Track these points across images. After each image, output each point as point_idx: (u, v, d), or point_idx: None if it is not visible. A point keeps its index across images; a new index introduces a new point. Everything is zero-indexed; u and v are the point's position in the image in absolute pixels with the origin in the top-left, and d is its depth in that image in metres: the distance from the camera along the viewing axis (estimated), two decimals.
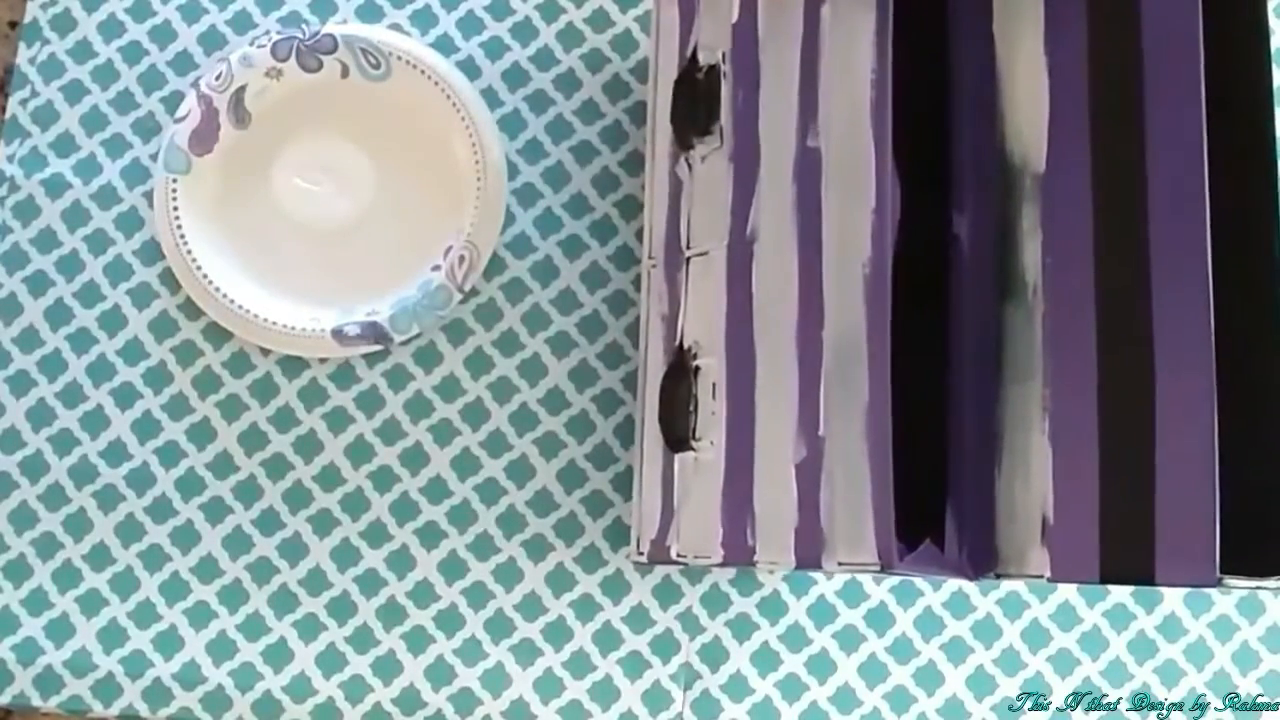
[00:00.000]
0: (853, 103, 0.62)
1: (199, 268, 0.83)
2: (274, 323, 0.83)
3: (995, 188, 0.64)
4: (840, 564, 0.60)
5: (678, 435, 0.73)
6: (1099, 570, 0.56)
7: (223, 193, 0.86)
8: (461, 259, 0.83)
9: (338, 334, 0.83)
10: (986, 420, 0.62)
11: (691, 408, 0.72)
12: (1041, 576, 0.58)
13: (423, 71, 0.86)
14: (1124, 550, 0.55)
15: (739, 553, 0.67)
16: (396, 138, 0.87)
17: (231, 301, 0.83)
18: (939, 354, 0.64)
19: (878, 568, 0.57)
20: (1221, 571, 0.51)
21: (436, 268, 0.84)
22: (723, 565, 0.69)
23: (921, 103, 0.66)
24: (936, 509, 0.62)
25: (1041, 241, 0.61)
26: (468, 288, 0.84)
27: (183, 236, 0.84)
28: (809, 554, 0.62)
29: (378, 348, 0.83)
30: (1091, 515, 0.56)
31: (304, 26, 0.86)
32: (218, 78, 0.85)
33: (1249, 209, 0.58)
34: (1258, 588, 0.52)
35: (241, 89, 0.86)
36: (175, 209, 0.84)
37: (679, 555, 0.72)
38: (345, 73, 0.86)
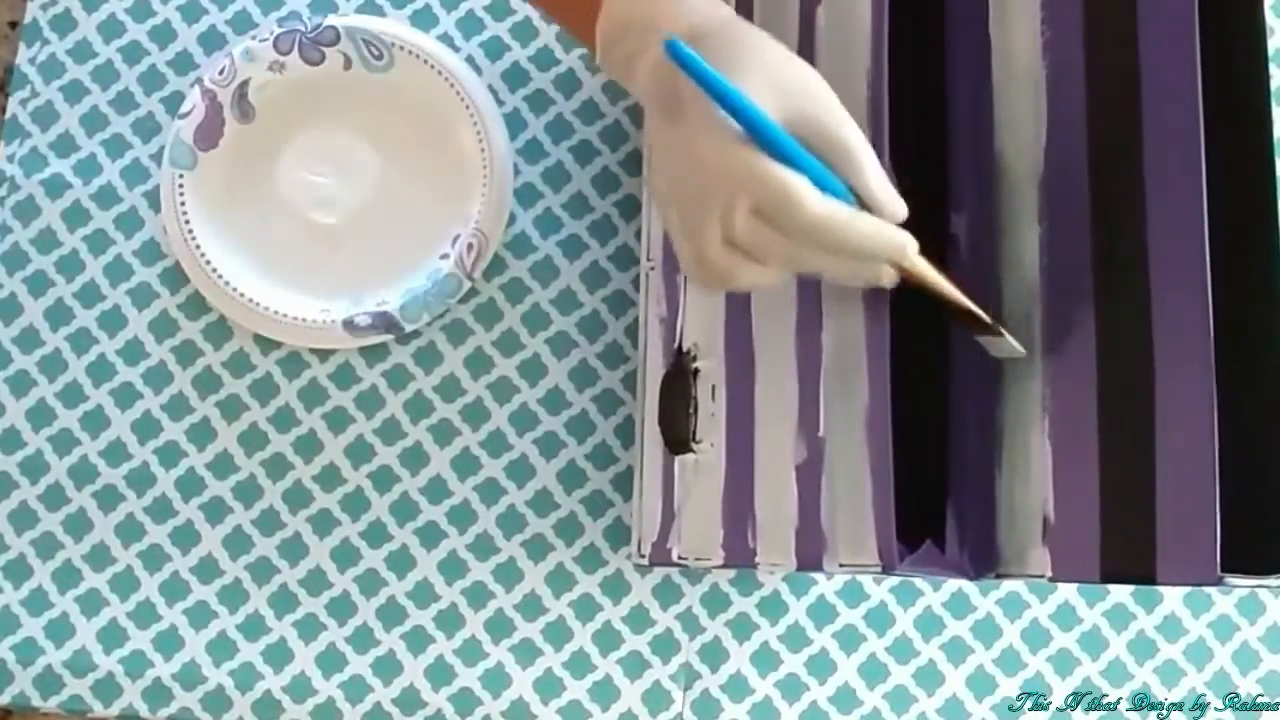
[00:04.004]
0: (850, 103, 0.62)
1: (208, 262, 0.83)
2: (285, 315, 0.83)
3: (993, 187, 0.64)
4: (841, 565, 0.60)
5: (678, 437, 0.73)
6: (1100, 570, 0.56)
7: (229, 187, 0.86)
8: (470, 247, 0.83)
9: (348, 325, 0.83)
10: (986, 420, 0.62)
11: (691, 410, 0.72)
12: (1042, 576, 0.58)
13: (425, 61, 0.85)
14: (1125, 550, 0.55)
15: (740, 554, 0.67)
16: (401, 128, 0.87)
17: (242, 295, 0.83)
18: (938, 355, 0.64)
19: (879, 569, 0.57)
20: (1223, 570, 0.51)
21: (445, 256, 0.84)
22: (724, 567, 0.69)
23: (918, 103, 0.66)
24: (937, 509, 0.62)
25: (1040, 241, 0.61)
26: (477, 275, 0.84)
27: (191, 232, 0.84)
28: (810, 555, 0.62)
29: (389, 337, 0.83)
30: (1092, 515, 0.56)
31: (306, 19, 0.86)
32: (221, 72, 0.85)
33: (1247, 206, 0.58)
34: (1259, 586, 0.52)
35: (245, 83, 0.85)
36: (183, 204, 0.84)
37: (680, 557, 0.72)
38: (348, 64, 0.86)
